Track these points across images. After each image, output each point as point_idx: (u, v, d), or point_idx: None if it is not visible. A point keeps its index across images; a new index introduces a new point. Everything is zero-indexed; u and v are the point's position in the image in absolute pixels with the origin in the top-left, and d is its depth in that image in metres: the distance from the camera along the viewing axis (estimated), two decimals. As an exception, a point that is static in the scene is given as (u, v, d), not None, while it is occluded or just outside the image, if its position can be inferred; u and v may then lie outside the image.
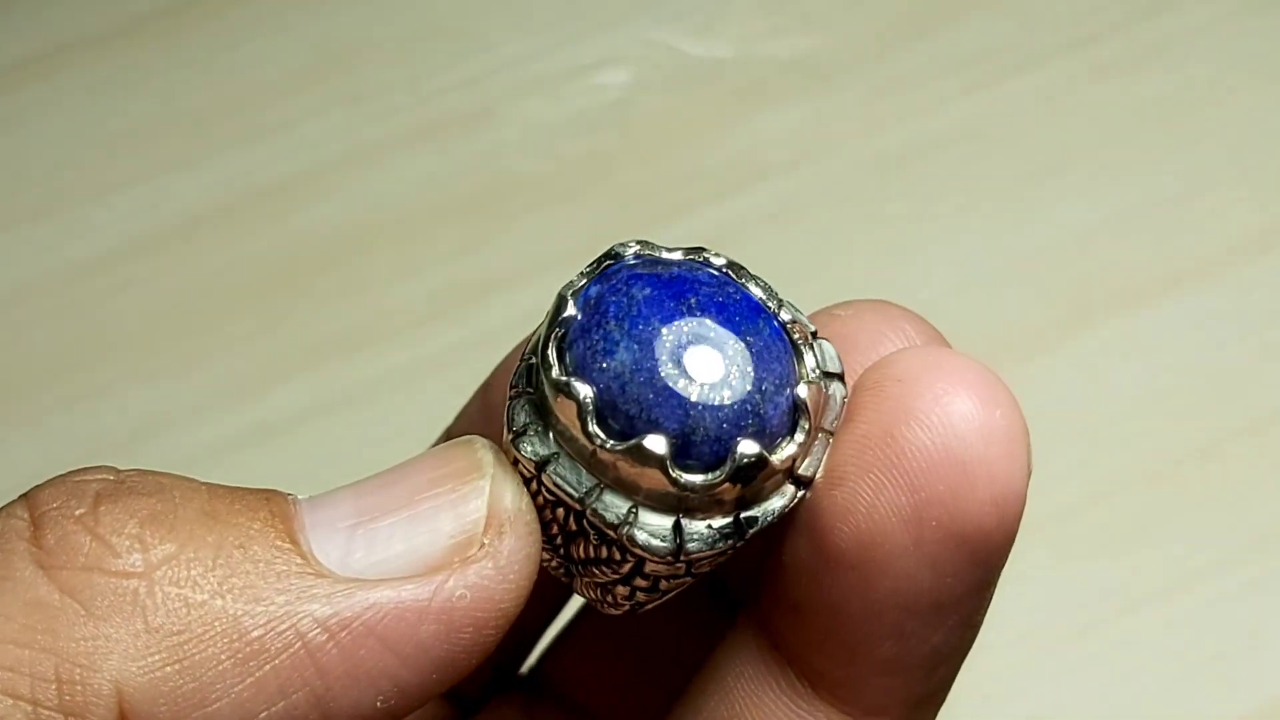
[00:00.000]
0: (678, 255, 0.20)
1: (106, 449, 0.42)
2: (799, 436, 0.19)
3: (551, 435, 0.19)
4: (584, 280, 0.20)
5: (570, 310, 0.20)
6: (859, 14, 0.50)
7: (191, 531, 0.17)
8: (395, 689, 0.18)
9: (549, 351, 0.19)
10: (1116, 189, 0.46)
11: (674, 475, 0.19)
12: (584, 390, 0.19)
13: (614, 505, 0.19)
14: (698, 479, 0.19)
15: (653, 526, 0.19)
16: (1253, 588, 0.40)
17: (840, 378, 0.20)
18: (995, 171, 0.47)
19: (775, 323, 0.20)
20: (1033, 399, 0.43)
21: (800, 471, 0.20)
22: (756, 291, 0.20)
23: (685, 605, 0.25)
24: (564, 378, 0.19)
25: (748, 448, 0.19)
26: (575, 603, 0.27)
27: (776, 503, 0.20)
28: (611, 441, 0.19)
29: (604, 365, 0.19)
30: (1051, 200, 0.46)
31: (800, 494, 0.20)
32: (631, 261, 0.20)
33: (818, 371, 0.20)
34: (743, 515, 0.19)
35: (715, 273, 0.20)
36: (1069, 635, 0.40)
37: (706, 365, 0.19)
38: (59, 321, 0.45)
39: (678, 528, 0.19)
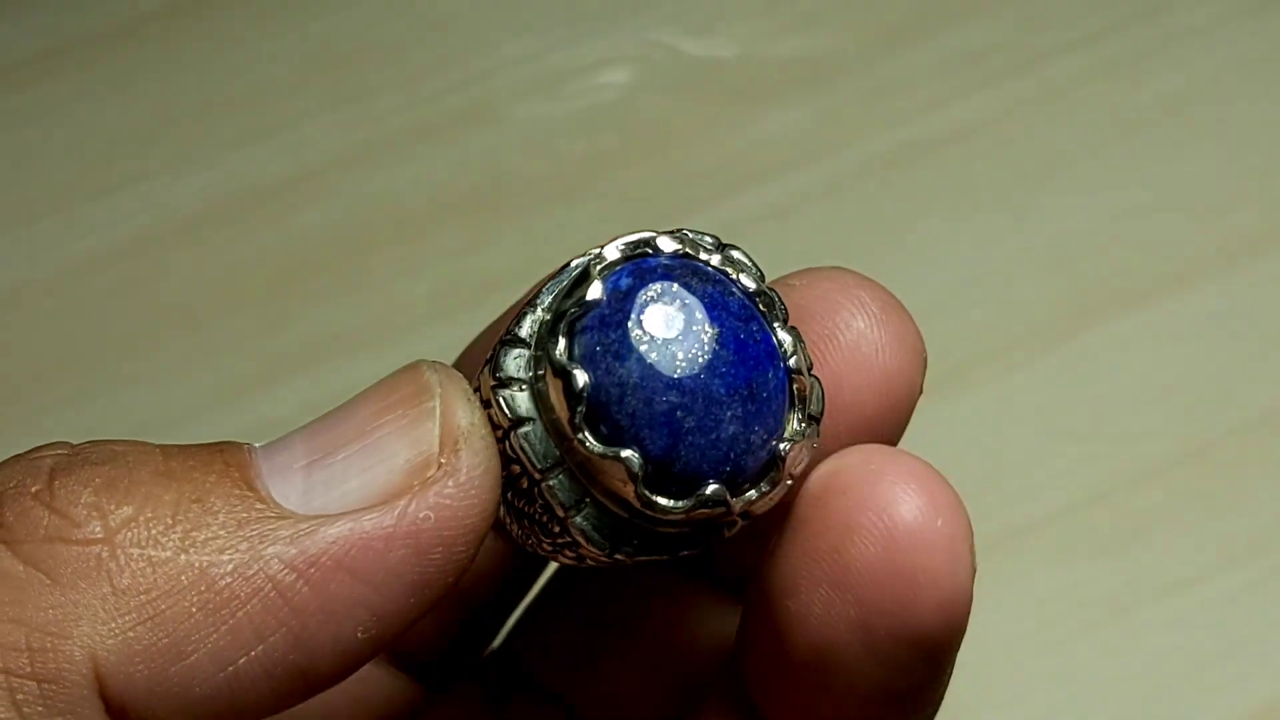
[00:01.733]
0: (715, 260, 0.20)
1: (101, 438, 0.42)
2: (764, 488, 0.20)
3: (530, 398, 0.19)
4: (617, 258, 0.20)
5: (596, 294, 0.19)
6: (859, 14, 0.50)
7: (148, 492, 0.18)
8: (374, 618, 0.18)
9: (559, 327, 0.19)
10: (1116, 189, 0.46)
11: (641, 492, 0.19)
12: (582, 380, 0.19)
13: (569, 489, 0.19)
14: (660, 501, 0.19)
15: (598, 521, 0.19)
16: (1253, 588, 0.40)
17: (818, 419, 0.20)
18: (995, 171, 0.47)
19: (783, 370, 0.20)
20: (1033, 398, 0.43)
21: (750, 509, 0.20)
22: (778, 333, 0.20)
23: (661, 589, 0.25)
24: (566, 362, 0.19)
25: (715, 493, 0.19)
26: (544, 581, 0.27)
27: (714, 533, 0.20)
28: (592, 441, 0.19)
29: (610, 367, 0.19)
30: (1051, 200, 0.46)
31: (736, 529, 0.20)
32: (667, 261, 0.20)
33: (803, 425, 0.20)
34: (682, 538, 0.20)
35: (743, 299, 0.20)
36: (1069, 635, 0.40)
37: (703, 403, 0.19)
38: (59, 321, 0.45)
39: (620, 529, 0.20)
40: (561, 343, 0.19)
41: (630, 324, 0.19)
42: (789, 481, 0.20)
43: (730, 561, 0.25)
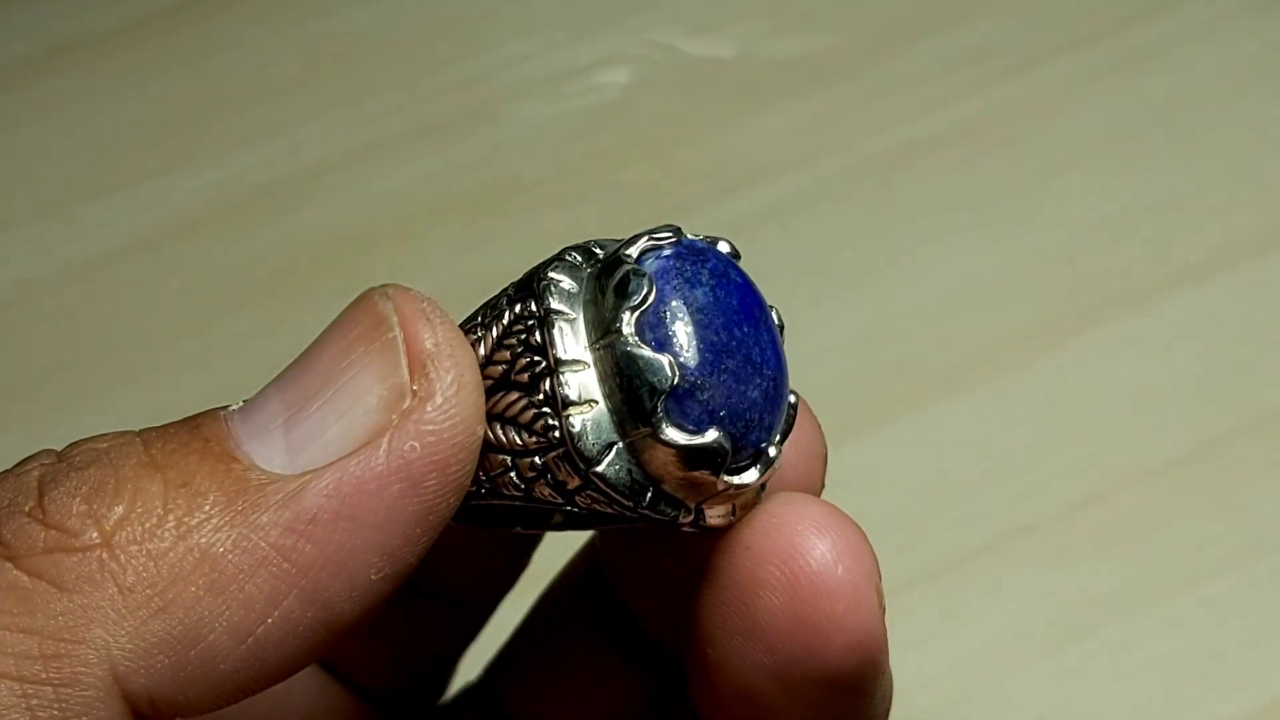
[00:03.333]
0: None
1: (84, 437, 0.42)
2: (744, 479, 0.20)
3: (583, 294, 0.20)
4: (692, 236, 0.21)
5: (671, 237, 0.20)
6: (859, 14, 0.50)
7: (136, 487, 0.18)
8: (383, 557, 0.18)
9: (634, 244, 0.20)
10: (1116, 189, 0.46)
11: (654, 406, 0.19)
12: (647, 288, 0.19)
13: (584, 387, 0.19)
14: (668, 428, 0.19)
15: (596, 426, 0.19)
16: (1253, 588, 0.40)
17: (764, 485, 0.21)
18: (995, 171, 0.47)
19: (790, 397, 0.21)
20: (1033, 399, 0.43)
21: (703, 508, 0.20)
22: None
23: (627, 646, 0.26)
24: (638, 267, 0.19)
25: (721, 440, 0.19)
26: (513, 620, 0.27)
27: (678, 516, 0.20)
28: (635, 338, 0.19)
29: (679, 287, 0.19)
30: (1051, 200, 0.46)
31: (687, 530, 0.20)
32: (731, 258, 0.21)
33: (777, 449, 0.20)
34: (652, 493, 0.20)
35: (778, 329, 0.21)
36: (1068, 636, 0.40)
37: (744, 357, 0.20)
38: (59, 321, 0.45)
39: (611, 447, 0.19)
40: (635, 253, 0.20)
41: (703, 268, 0.20)
42: (733, 517, 0.20)
43: (659, 621, 0.25)
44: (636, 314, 0.19)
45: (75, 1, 0.50)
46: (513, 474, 0.20)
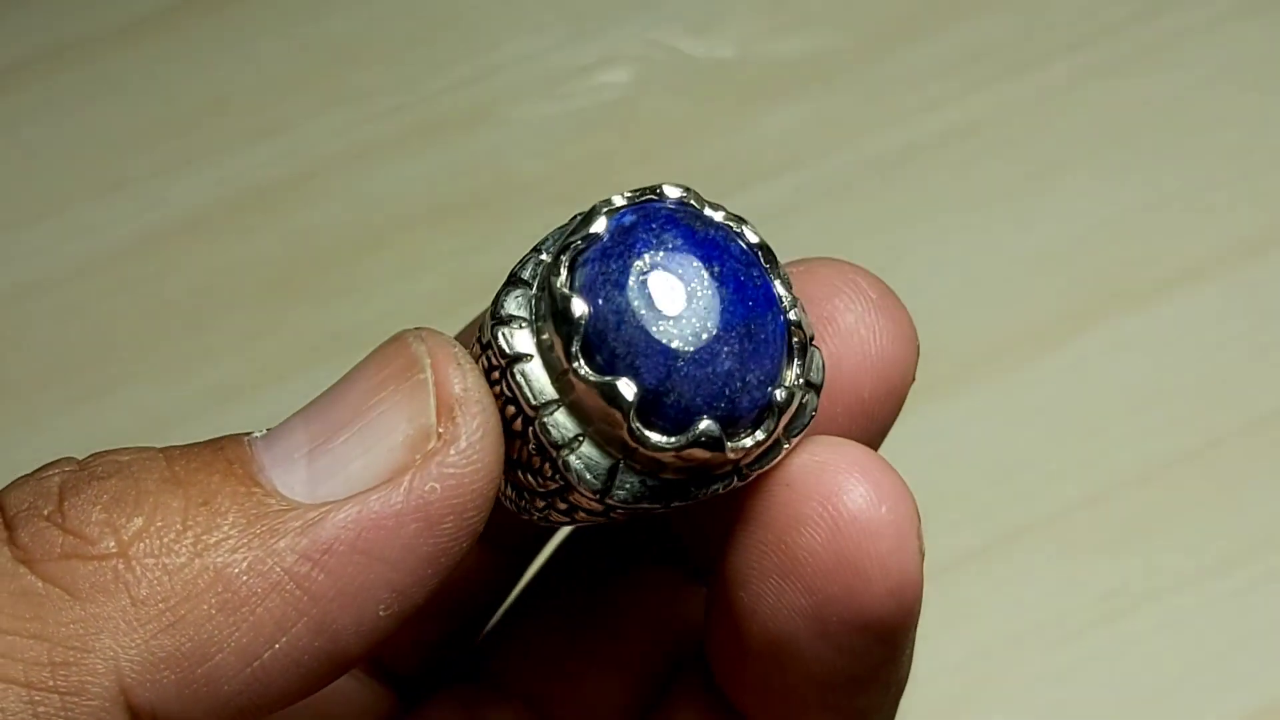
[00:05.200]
0: (719, 216, 0.20)
1: (107, 449, 0.42)
2: (759, 435, 0.19)
3: (531, 335, 0.19)
4: (623, 203, 0.20)
5: (599, 228, 0.20)
6: (859, 14, 0.50)
7: (157, 501, 0.18)
8: (393, 594, 0.18)
9: (562, 258, 0.19)
10: (1116, 189, 0.46)
11: (633, 425, 0.19)
12: (580, 310, 0.19)
13: (564, 426, 0.19)
14: (652, 437, 0.19)
15: (591, 460, 0.19)
16: (1253, 588, 0.40)
17: (818, 389, 0.20)
18: (995, 171, 0.47)
19: (781, 320, 0.20)
20: (1033, 399, 0.43)
21: (743, 464, 0.20)
22: (778, 286, 0.20)
23: (637, 593, 0.26)
24: (566, 291, 0.19)
25: (709, 429, 0.19)
26: (517, 591, 0.27)
27: (710, 485, 0.20)
28: (586, 370, 0.19)
29: (609, 295, 0.19)
30: (1051, 200, 0.46)
31: (732, 485, 0.20)
32: (672, 206, 0.20)
33: (800, 380, 0.20)
34: (675, 488, 0.20)
35: (745, 248, 0.20)
36: (1069, 635, 0.40)
37: (705, 335, 0.19)
38: (59, 321, 0.45)
39: (614, 472, 0.19)
40: (563, 274, 0.19)
41: (632, 255, 0.19)
42: (786, 446, 0.20)
43: (700, 546, 0.25)
44: (577, 343, 0.19)
45: (75, 1, 0.50)
46: (553, 513, 0.20)
